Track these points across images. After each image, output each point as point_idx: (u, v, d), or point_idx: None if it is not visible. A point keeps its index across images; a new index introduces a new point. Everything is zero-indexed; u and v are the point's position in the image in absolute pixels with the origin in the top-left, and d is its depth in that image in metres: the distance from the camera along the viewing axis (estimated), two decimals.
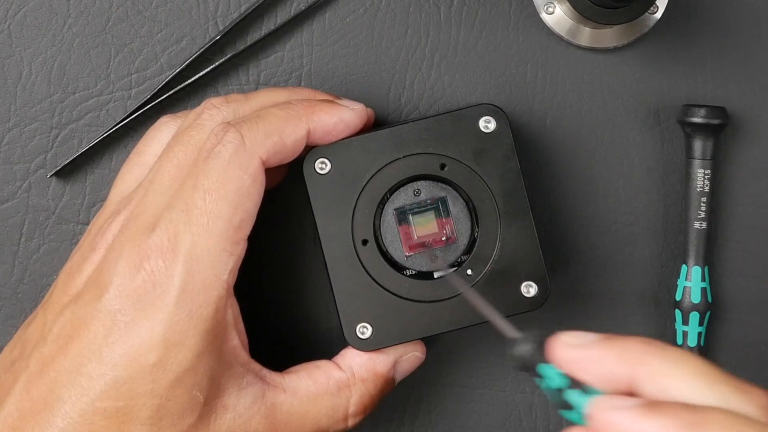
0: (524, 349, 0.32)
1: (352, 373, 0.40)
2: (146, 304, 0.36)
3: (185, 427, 0.36)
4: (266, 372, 0.39)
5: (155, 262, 0.36)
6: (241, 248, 0.38)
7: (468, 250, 0.42)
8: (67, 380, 0.36)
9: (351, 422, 0.40)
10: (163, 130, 0.41)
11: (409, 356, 0.42)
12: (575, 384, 0.31)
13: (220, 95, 0.41)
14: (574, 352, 0.31)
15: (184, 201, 0.37)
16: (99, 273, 0.37)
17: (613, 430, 0.29)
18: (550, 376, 0.31)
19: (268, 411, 0.38)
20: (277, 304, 0.44)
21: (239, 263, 0.38)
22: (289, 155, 0.39)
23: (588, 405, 0.30)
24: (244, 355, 0.39)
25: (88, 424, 0.35)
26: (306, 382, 0.40)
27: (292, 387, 0.39)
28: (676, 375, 0.30)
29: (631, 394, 0.31)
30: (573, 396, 0.31)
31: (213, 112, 0.40)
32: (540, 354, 0.32)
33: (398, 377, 0.42)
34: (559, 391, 0.31)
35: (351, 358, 0.41)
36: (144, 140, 0.42)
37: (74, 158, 0.45)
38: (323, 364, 0.41)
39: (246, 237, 0.38)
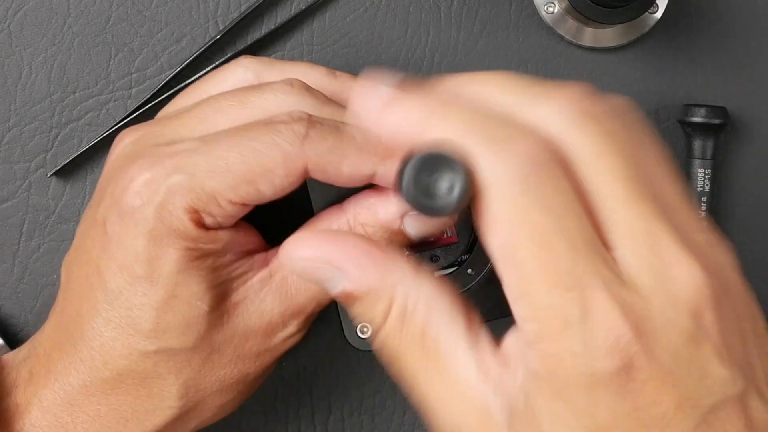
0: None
1: (353, 216, 0.37)
2: (128, 215, 0.35)
3: (195, 336, 0.36)
4: (270, 252, 0.38)
5: (146, 175, 0.35)
6: (228, 206, 0.35)
7: (468, 250, 0.42)
8: (80, 292, 0.36)
9: None
10: (238, 73, 0.39)
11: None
12: None
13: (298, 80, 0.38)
14: (367, 106, 0.31)
15: (210, 142, 0.35)
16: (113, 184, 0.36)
17: (366, 121, 0.31)
18: None
19: (278, 286, 0.37)
20: None
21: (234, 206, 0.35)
22: (341, 182, 0.36)
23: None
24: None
25: (98, 337, 0.36)
26: None
27: None
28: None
29: None
30: None
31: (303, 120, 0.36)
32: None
33: (413, 233, 0.37)
34: None
35: (355, 202, 0.38)
36: (214, 78, 0.40)
37: (74, 158, 0.45)
38: (324, 217, 0.38)
39: (240, 202, 0.35)
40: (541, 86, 0.30)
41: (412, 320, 0.30)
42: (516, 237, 0.28)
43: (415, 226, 0.37)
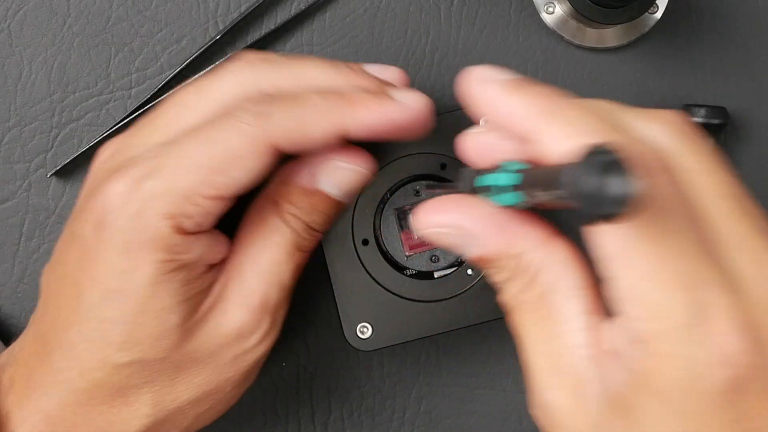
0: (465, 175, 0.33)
1: (274, 191, 0.38)
2: (102, 227, 0.35)
3: (167, 347, 0.35)
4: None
5: (119, 185, 0.34)
6: (205, 203, 0.35)
7: None
8: (56, 303, 0.36)
9: (300, 231, 0.37)
10: (235, 76, 0.38)
11: (340, 166, 0.37)
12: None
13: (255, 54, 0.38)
14: (484, 89, 0.31)
15: (178, 142, 0.35)
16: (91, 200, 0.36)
17: (480, 102, 0.30)
18: (488, 179, 0.31)
19: (236, 280, 0.37)
20: None
21: (210, 206, 0.35)
22: (314, 147, 0.36)
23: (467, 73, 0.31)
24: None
25: (73, 348, 0.36)
26: (249, 236, 0.38)
27: (239, 248, 0.38)
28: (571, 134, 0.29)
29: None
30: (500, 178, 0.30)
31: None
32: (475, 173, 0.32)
33: (335, 192, 0.37)
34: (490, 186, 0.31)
35: (272, 186, 0.38)
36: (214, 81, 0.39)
37: (74, 158, 0.45)
38: (253, 206, 0.38)
39: (216, 195, 0.35)
40: (639, 109, 0.31)
41: (534, 284, 0.30)
42: (633, 235, 0.27)
43: (335, 183, 0.37)
